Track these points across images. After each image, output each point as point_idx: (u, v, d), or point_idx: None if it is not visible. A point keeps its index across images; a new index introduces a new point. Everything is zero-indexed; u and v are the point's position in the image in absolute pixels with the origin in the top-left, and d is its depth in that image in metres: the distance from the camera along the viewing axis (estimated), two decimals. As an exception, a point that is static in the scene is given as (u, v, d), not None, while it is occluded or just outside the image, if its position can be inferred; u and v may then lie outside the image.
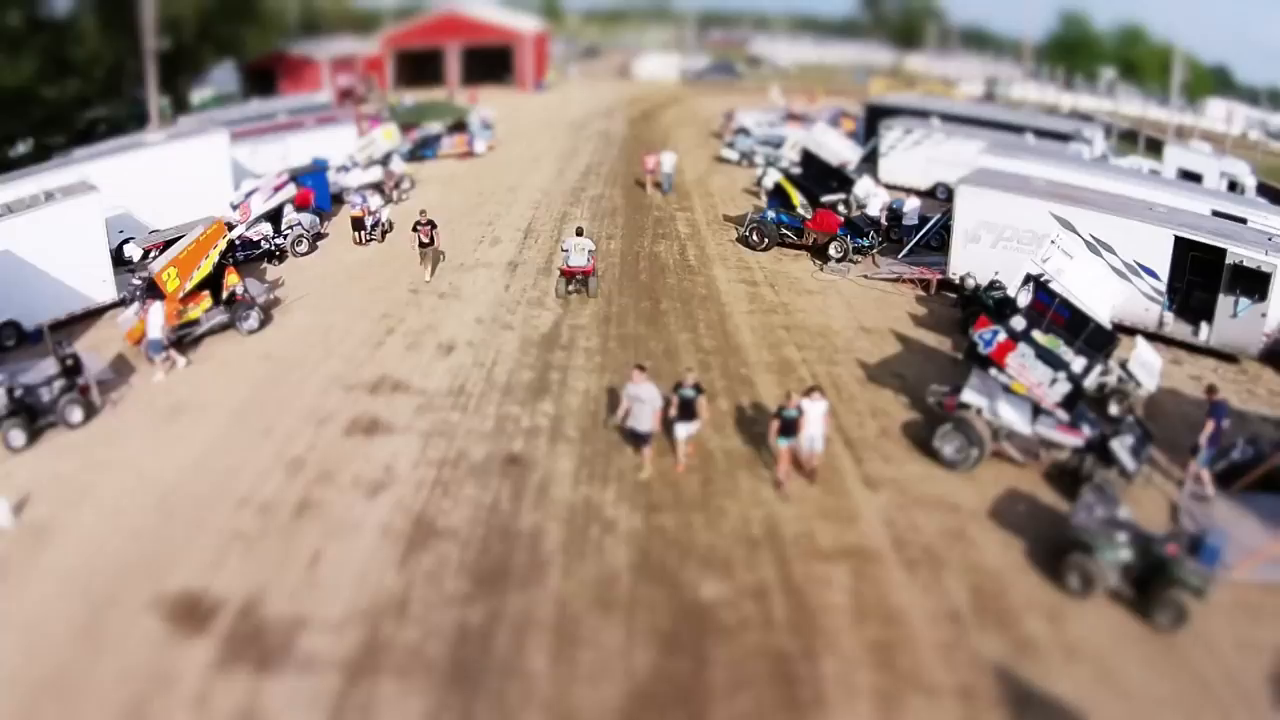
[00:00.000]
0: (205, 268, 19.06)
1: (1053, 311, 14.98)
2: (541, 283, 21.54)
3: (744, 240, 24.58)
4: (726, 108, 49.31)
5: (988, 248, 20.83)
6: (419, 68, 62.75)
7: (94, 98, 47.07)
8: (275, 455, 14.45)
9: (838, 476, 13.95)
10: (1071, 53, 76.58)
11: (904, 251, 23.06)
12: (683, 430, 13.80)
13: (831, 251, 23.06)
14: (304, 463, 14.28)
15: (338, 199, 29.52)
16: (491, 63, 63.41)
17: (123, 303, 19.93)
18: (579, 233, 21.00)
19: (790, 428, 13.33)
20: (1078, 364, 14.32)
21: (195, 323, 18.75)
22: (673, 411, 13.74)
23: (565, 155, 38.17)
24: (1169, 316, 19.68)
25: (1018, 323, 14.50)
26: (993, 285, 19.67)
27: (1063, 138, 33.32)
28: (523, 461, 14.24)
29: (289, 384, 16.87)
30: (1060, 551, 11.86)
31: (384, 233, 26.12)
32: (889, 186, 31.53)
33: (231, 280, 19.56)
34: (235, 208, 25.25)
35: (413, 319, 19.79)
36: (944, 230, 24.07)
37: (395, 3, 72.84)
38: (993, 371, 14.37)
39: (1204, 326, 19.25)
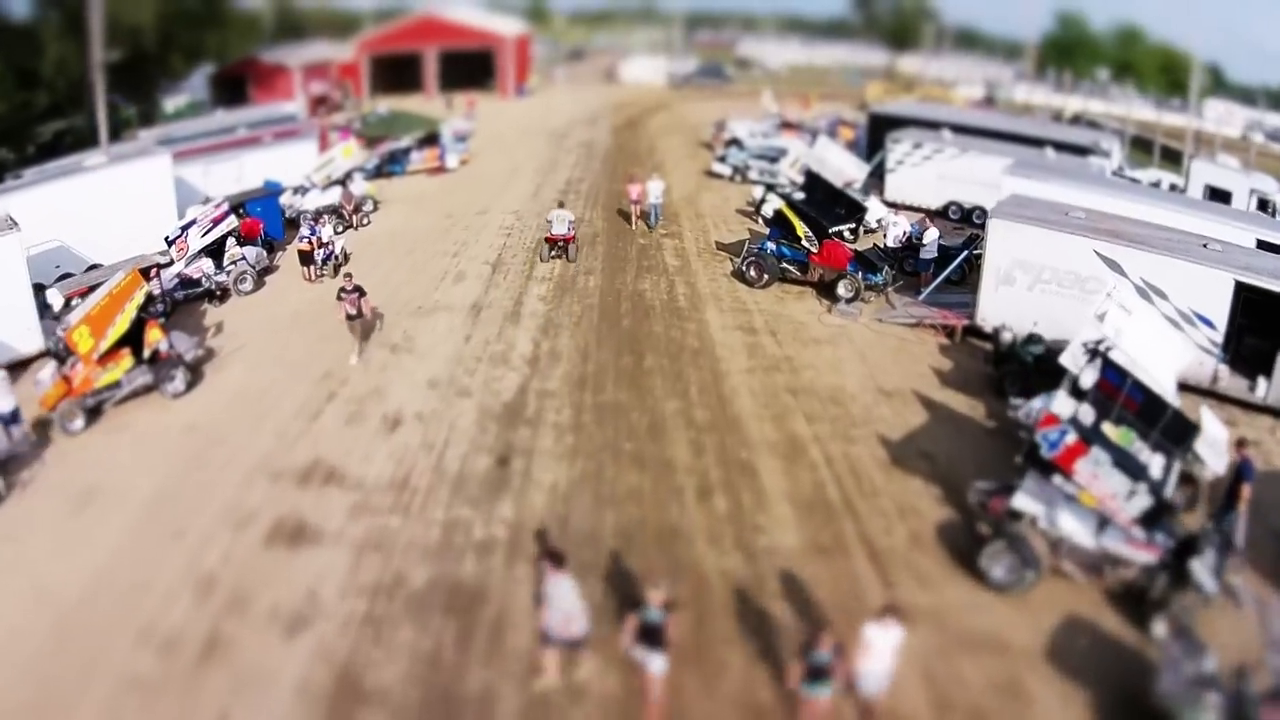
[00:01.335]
0: (122, 324, 16.52)
1: (1124, 395, 12.25)
2: (507, 332, 18.64)
3: (740, 275, 21.74)
4: (716, 115, 46.51)
5: (1023, 290, 18.04)
6: (396, 73, 59.83)
7: (58, 109, 44.18)
8: (186, 568, 11.89)
9: (863, 609, 11.11)
10: (1068, 54, 74.62)
11: (925, 292, 20.19)
12: (652, 663, 9.20)
13: (840, 290, 20.22)
14: (217, 581, 11.66)
15: (295, 224, 26.71)
16: (472, 67, 60.47)
17: (54, 355, 17.38)
18: (560, 205, 24.36)
19: (821, 673, 8.89)
20: (1156, 464, 11.64)
21: (115, 386, 16.20)
22: (628, 639, 9.27)
23: (544, 169, 35.28)
24: (1224, 370, 17.01)
25: (1085, 413, 11.76)
26: (1031, 339, 16.89)
27: (1081, 151, 30.70)
28: (472, 592, 11.36)
29: (211, 467, 14.20)
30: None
31: (336, 267, 23.20)
32: (895, 205, 28.90)
33: (154, 336, 16.82)
34: (171, 243, 22.47)
35: (357, 380, 16.91)
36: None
37: (375, 5, 69.95)
38: (1057, 479, 11.58)
39: (1261, 381, 16.63)
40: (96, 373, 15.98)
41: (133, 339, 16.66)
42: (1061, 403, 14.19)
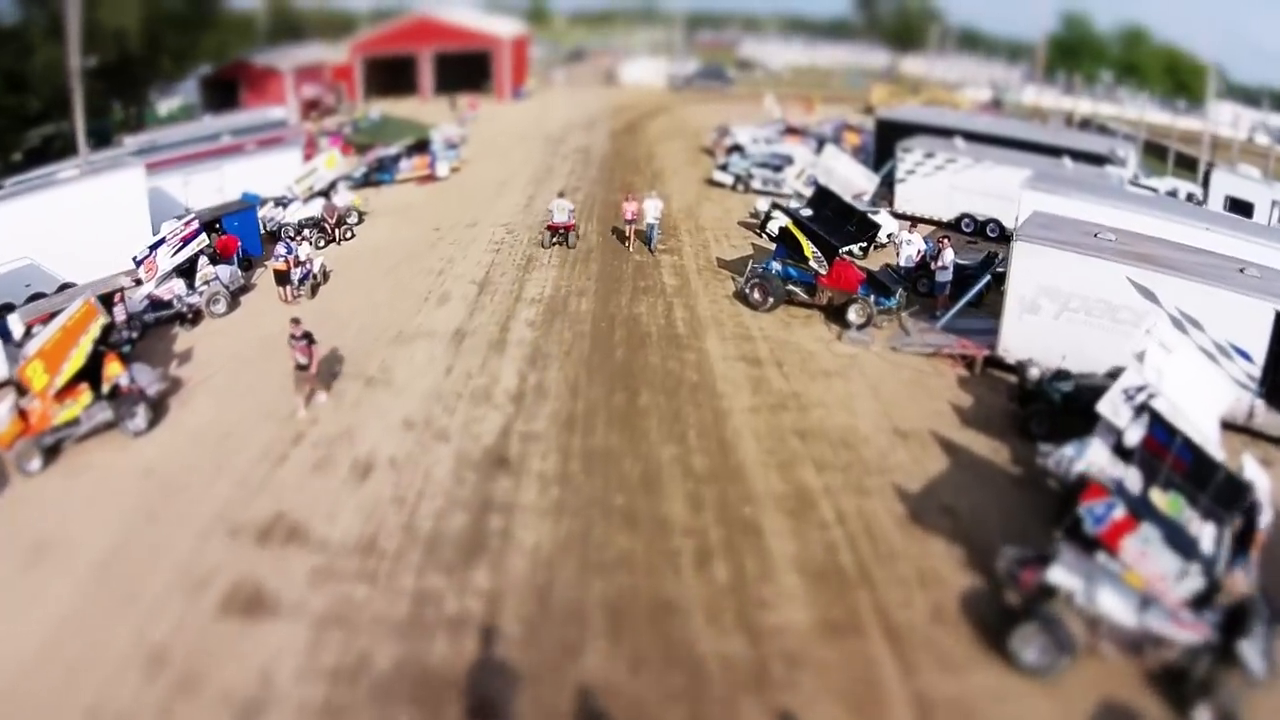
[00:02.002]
0: (77, 358, 15.28)
1: (1173, 456, 10.92)
2: (491, 364, 17.28)
3: (742, 297, 20.38)
4: (718, 119, 45.28)
5: (1049, 320, 16.68)
6: (391, 76, 58.59)
7: (47, 114, 42.98)
8: (135, 640, 10.72)
9: (879, 700, 9.79)
10: (1073, 55, 73.45)
11: (943, 319, 18.78)
12: None
13: (852, 316, 18.84)
14: (168, 656, 10.48)
15: (276, 237, 25.46)
16: (469, 69, 59.16)
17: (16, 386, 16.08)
18: (560, 194, 25.48)
19: None
20: (1207, 536, 10.33)
21: (75, 423, 14.99)
22: None
23: (538, 178, 33.92)
24: (1260, 406, 15.68)
25: (1132, 479, 10.44)
26: (1059, 375, 15.53)
27: (1097, 159, 29.35)
28: (443, 680, 10.03)
29: (167, 520, 12.93)
30: None
31: (315, 287, 21.91)
32: (905, 217, 27.54)
33: (113, 370, 15.59)
34: (139, 263, 21.24)
35: (327, 419, 15.58)
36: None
37: (373, 5, 68.63)
38: (1101, 557, 10.24)
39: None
40: (54, 409, 14.84)
41: (92, 372, 15.44)
42: (1096, 452, 12.94)
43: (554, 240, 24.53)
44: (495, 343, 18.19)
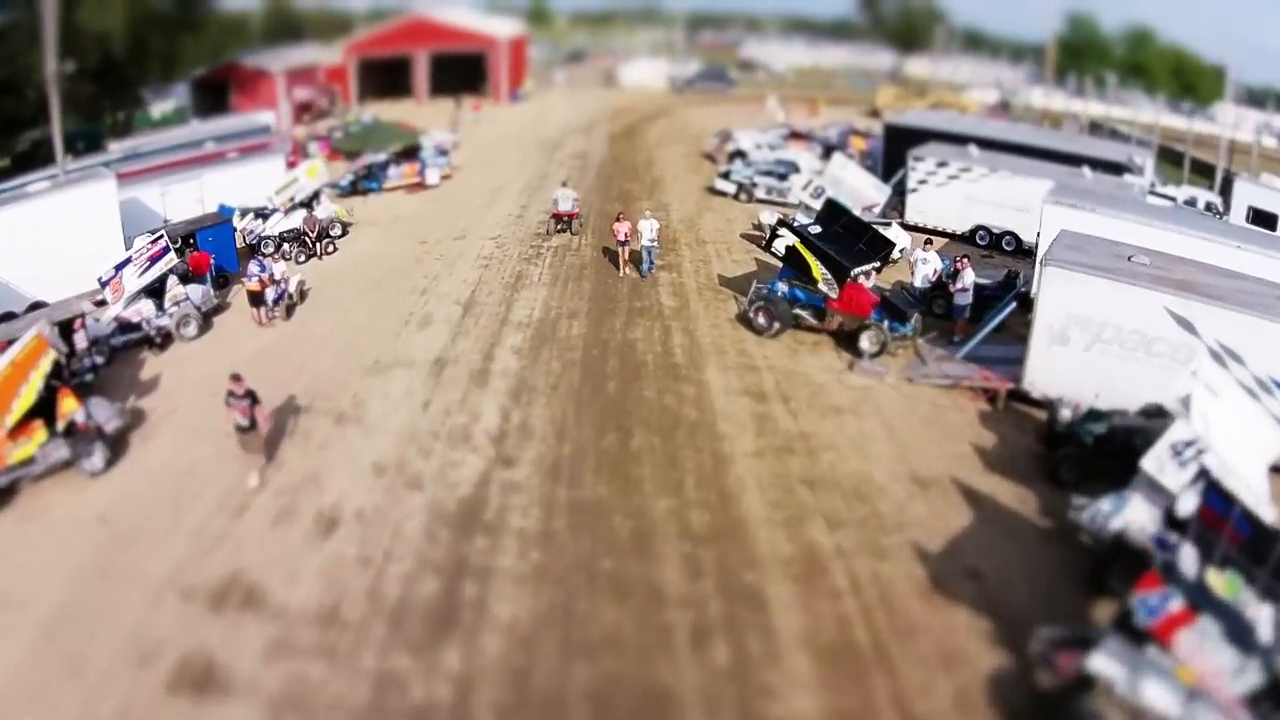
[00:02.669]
0: (28, 396, 14.19)
1: (1230, 528, 9.61)
2: (472, 399, 15.94)
3: (746, 320, 19.03)
4: (719, 122, 44.09)
5: (1079, 352, 15.32)
6: (386, 78, 57.26)
7: (36, 118, 41.81)
8: (81, 715, 9.54)
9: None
10: (1078, 56, 72.20)
11: (965, 349, 17.37)
12: None
13: (864, 344, 17.46)
14: None
15: (256, 251, 24.21)
16: (466, 70, 57.79)
17: None
18: (564, 184, 27.32)
19: None
20: (1265, 620, 9.02)
21: (30, 462, 13.81)
22: None
23: (531, 186, 32.59)
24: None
25: (1187, 559, 9.13)
26: (1092, 415, 14.17)
27: (1116, 168, 28.01)
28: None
29: (120, 576, 11.74)
30: None
31: (290, 307, 20.60)
32: (915, 228, 26.22)
33: (68, 407, 14.38)
34: (104, 284, 20.03)
35: (294, 462, 14.28)
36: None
37: (371, 5, 67.25)
38: (1151, 651, 8.91)
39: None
40: (8, 448, 13.67)
41: (48, 406, 14.31)
42: (1136, 509, 11.65)
43: (558, 228, 25.77)
44: (478, 373, 16.84)
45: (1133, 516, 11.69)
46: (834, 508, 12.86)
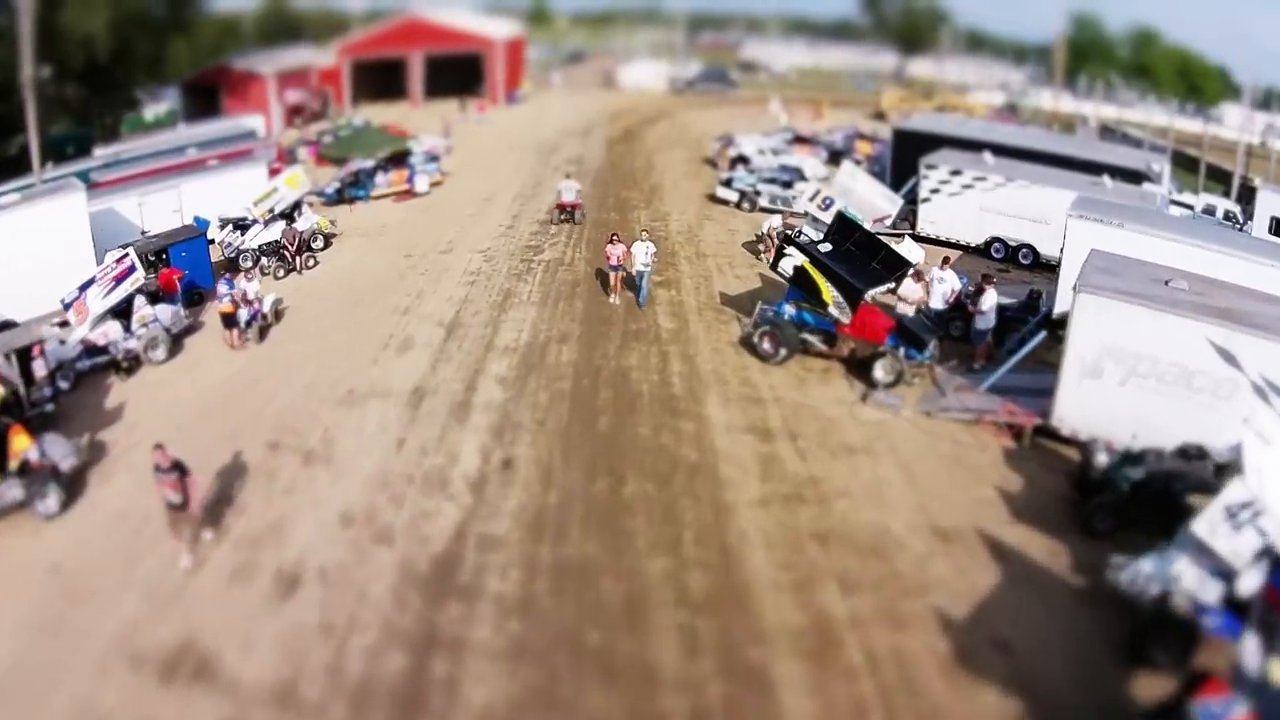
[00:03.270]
0: None
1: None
2: (451, 436, 14.61)
3: (750, 344, 17.73)
4: (720, 125, 42.88)
5: (1113, 386, 14.01)
6: (380, 80, 55.98)
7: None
8: None
9: None
10: (1084, 57, 71.06)
11: (990, 380, 15.99)
12: None
13: (879, 374, 16.13)
14: None
15: (235, 265, 22.99)
16: (462, 72, 56.49)
17: None
18: (567, 176, 28.62)
19: None
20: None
21: None
22: None
23: (524, 194, 31.28)
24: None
25: (1251, 653, 7.88)
26: (1129, 458, 12.86)
27: (1135, 176, 26.71)
28: None
29: (69, 635, 10.68)
30: None
31: (264, 329, 19.34)
32: (927, 240, 24.94)
33: (19, 445, 13.24)
34: (67, 306, 18.86)
35: (256, 507, 13.03)
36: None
37: (369, 6, 65.92)
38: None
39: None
40: None
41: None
42: (1181, 571, 10.39)
43: (562, 218, 26.81)
44: (458, 406, 15.52)
45: (1177, 579, 10.44)
46: (848, 567, 11.55)
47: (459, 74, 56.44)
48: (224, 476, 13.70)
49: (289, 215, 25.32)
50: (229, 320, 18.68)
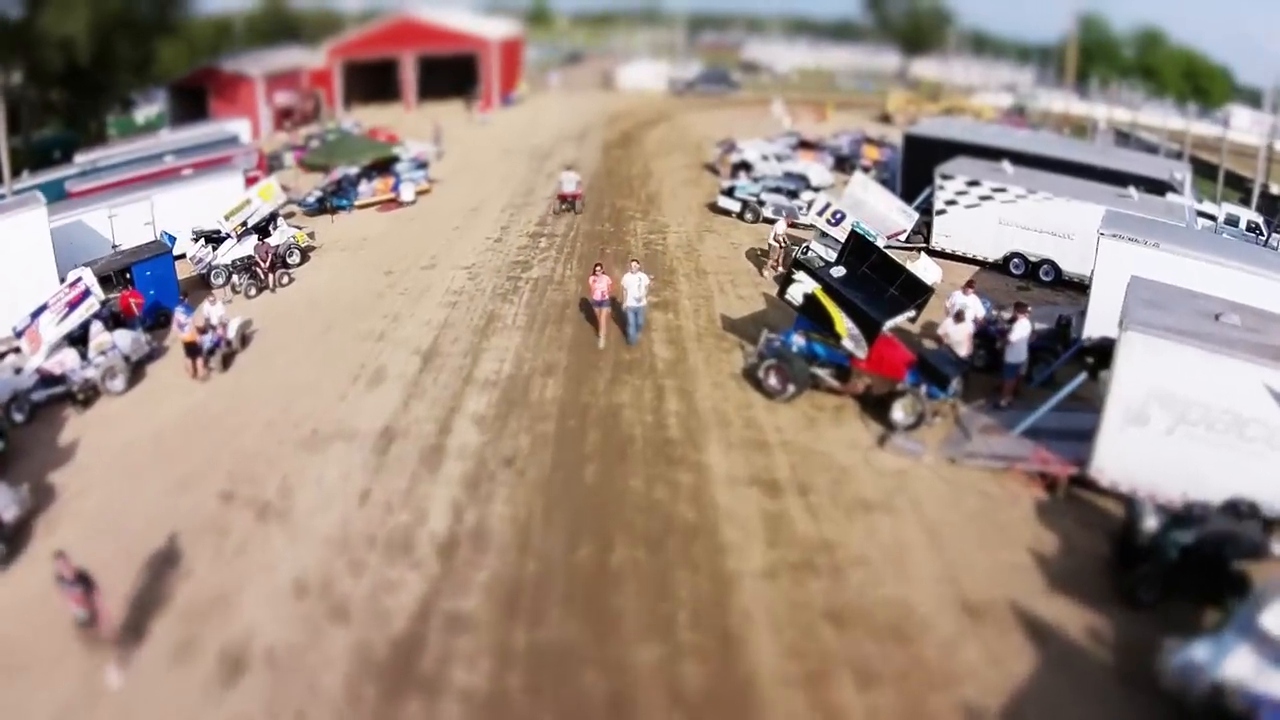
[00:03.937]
0: None
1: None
2: (420, 488, 13.13)
3: (754, 376, 16.24)
4: (721, 128, 41.43)
5: (1159, 435, 12.52)
6: (373, 82, 54.64)
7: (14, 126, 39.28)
8: None
9: None
10: (1090, 57, 69.85)
11: (1027, 423, 14.36)
12: None
13: (898, 415, 14.62)
14: None
15: (206, 282, 21.61)
16: (456, 73, 55.13)
17: None
18: (568, 167, 30.24)
19: None
20: None
21: None
22: None
23: (515, 203, 29.85)
24: None
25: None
26: (1178, 520, 11.37)
27: (1160, 186, 25.22)
28: None
29: None
30: None
31: (228, 357, 17.90)
32: (942, 254, 23.45)
33: None
34: (19, 334, 17.60)
35: (202, 571, 11.65)
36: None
37: (365, 6, 64.57)
38: None
39: None
40: None
41: None
42: (1239, 662, 9.02)
43: (563, 207, 27.84)
44: (430, 451, 14.04)
45: (1233, 670, 9.04)
46: (866, 655, 10.05)
47: (454, 75, 55.07)
48: (172, 533, 12.29)
49: (264, 229, 23.82)
50: (191, 349, 17.28)
